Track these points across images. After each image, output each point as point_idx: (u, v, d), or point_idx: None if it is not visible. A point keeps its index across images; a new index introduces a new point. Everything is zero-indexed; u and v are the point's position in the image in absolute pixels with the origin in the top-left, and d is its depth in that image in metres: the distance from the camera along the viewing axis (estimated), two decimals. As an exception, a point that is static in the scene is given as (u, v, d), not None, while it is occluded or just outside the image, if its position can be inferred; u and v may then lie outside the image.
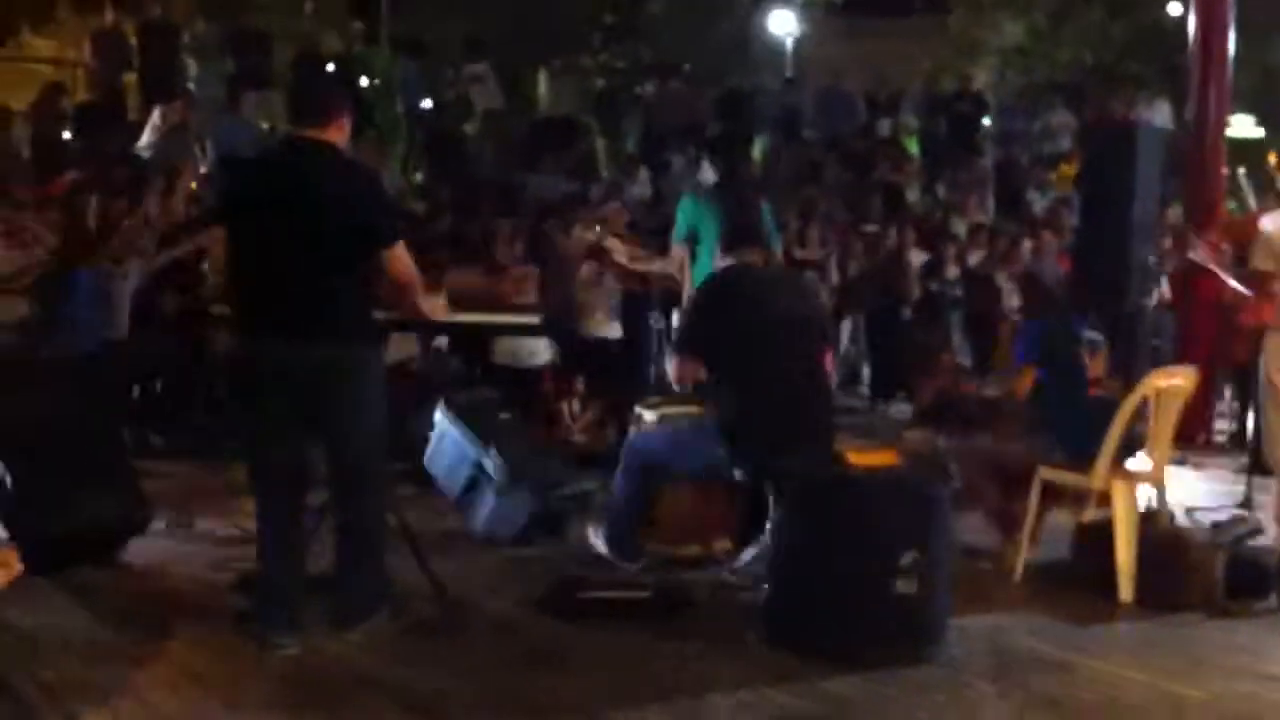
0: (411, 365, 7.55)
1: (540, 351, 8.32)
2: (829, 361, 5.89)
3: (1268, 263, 5.80)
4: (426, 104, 14.44)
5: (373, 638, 4.50)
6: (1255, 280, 5.97)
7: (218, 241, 5.13)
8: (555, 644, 4.60)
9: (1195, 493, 7.35)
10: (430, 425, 6.23)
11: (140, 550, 5.49)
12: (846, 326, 11.67)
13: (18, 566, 3.84)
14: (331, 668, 4.29)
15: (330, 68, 13.70)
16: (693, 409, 5.72)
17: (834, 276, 11.25)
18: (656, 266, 8.33)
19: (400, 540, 4.87)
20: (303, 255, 4.35)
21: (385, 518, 4.71)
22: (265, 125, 11.73)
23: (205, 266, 7.85)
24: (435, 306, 4.81)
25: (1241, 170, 9.95)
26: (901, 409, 10.49)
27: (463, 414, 6.13)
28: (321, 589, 4.59)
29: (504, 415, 6.35)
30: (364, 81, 13.36)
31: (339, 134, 4.54)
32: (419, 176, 13.40)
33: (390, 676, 4.22)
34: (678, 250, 7.39)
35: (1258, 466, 7.45)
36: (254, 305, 4.46)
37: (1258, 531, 5.86)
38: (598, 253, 8.68)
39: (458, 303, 5.14)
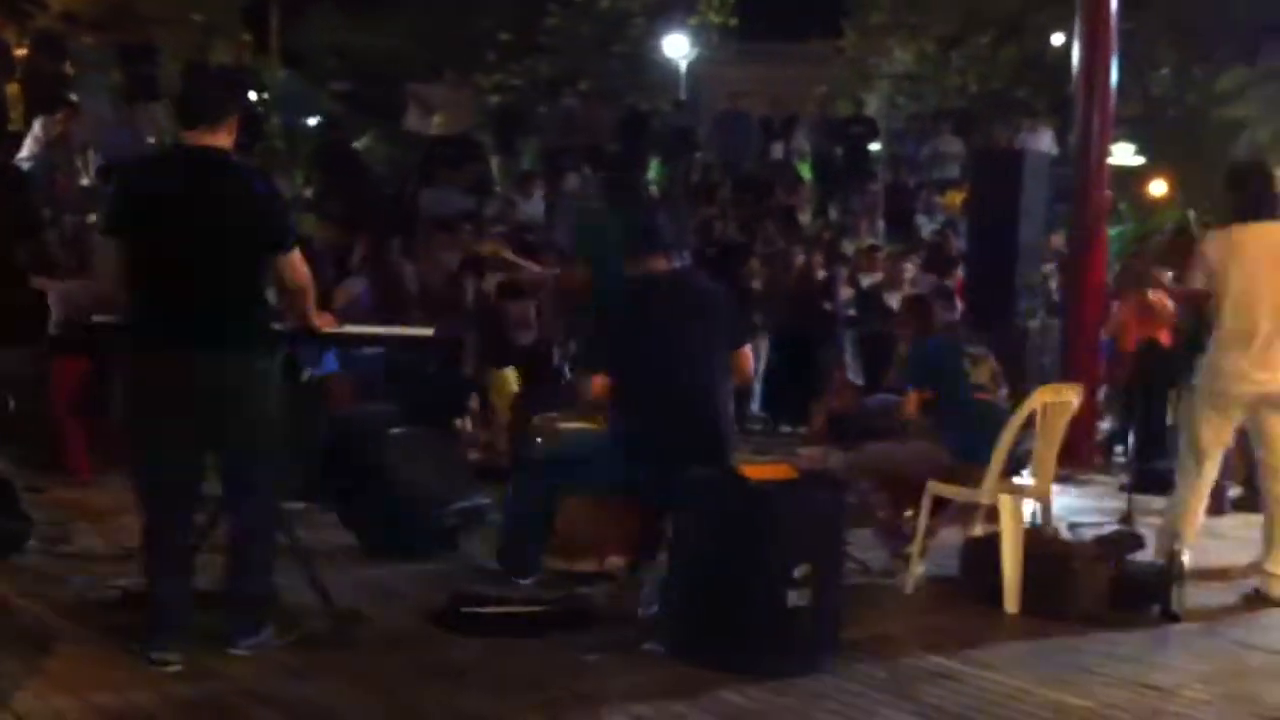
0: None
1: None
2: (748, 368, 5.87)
3: (1201, 282, 5.96)
4: (313, 120, 14.33)
5: (262, 653, 4.42)
6: (1193, 297, 6.12)
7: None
8: (449, 658, 4.56)
9: (1079, 508, 7.53)
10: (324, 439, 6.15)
11: (18, 567, 5.33)
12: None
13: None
14: (220, 684, 4.20)
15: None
16: (591, 424, 5.71)
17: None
18: (551, 282, 8.34)
19: (291, 555, 4.79)
20: (202, 262, 4.28)
21: (277, 532, 4.63)
22: (151, 140, 11.52)
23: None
24: (324, 317, 4.76)
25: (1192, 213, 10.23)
26: (797, 428, 10.61)
27: (355, 428, 6.06)
28: (208, 605, 4.49)
29: (399, 429, 6.28)
30: (254, 96, 13.21)
31: (229, 139, 4.46)
32: (309, 191, 13.26)
33: (281, 691, 4.14)
34: (574, 268, 7.41)
35: (1139, 483, 7.67)
36: (152, 315, 4.36)
37: (1139, 546, 6.02)
38: (483, 259, 8.66)
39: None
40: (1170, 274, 7.72)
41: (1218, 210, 6.22)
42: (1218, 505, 7.03)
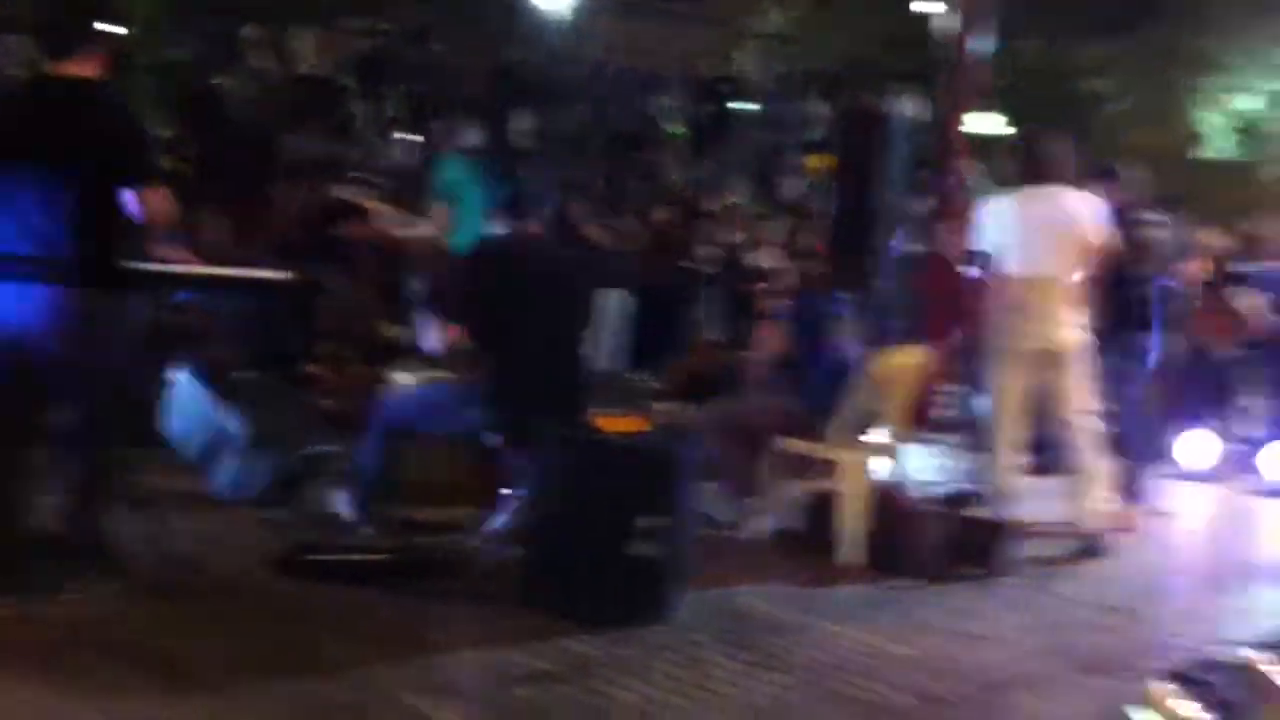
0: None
1: None
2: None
3: (982, 244, 6.18)
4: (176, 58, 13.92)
5: (101, 599, 4.33)
6: (978, 262, 6.35)
7: None
8: (294, 605, 4.54)
9: (920, 466, 7.73)
10: (168, 381, 6.03)
11: None
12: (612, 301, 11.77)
13: None
14: (52, 628, 4.11)
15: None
16: (444, 372, 5.70)
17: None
18: (419, 230, 8.24)
19: (127, 499, 4.69)
20: (56, 190, 4.17)
21: (116, 475, 4.55)
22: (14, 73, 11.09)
23: None
24: (175, 257, 4.67)
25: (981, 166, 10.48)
26: (655, 382, 10.67)
27: (201, 372, 5.95)
28: (41, 548, 4.40)
29: (246, 374, 6.19)
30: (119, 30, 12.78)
31: (95, 69, 4.36)
32: (171, 130, 12.90)
33: (120, 638, 4.07)
34: (436, 210, 7.32)
35: (977, 443, 7.90)
36: None
37: (975, 504, 6.22)
38: (359, 215, 8.53)
39: None
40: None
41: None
42: (1048, 464, 7.29)
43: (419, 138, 13.12)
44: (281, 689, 3.78)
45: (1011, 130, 15.72)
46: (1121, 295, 6.63)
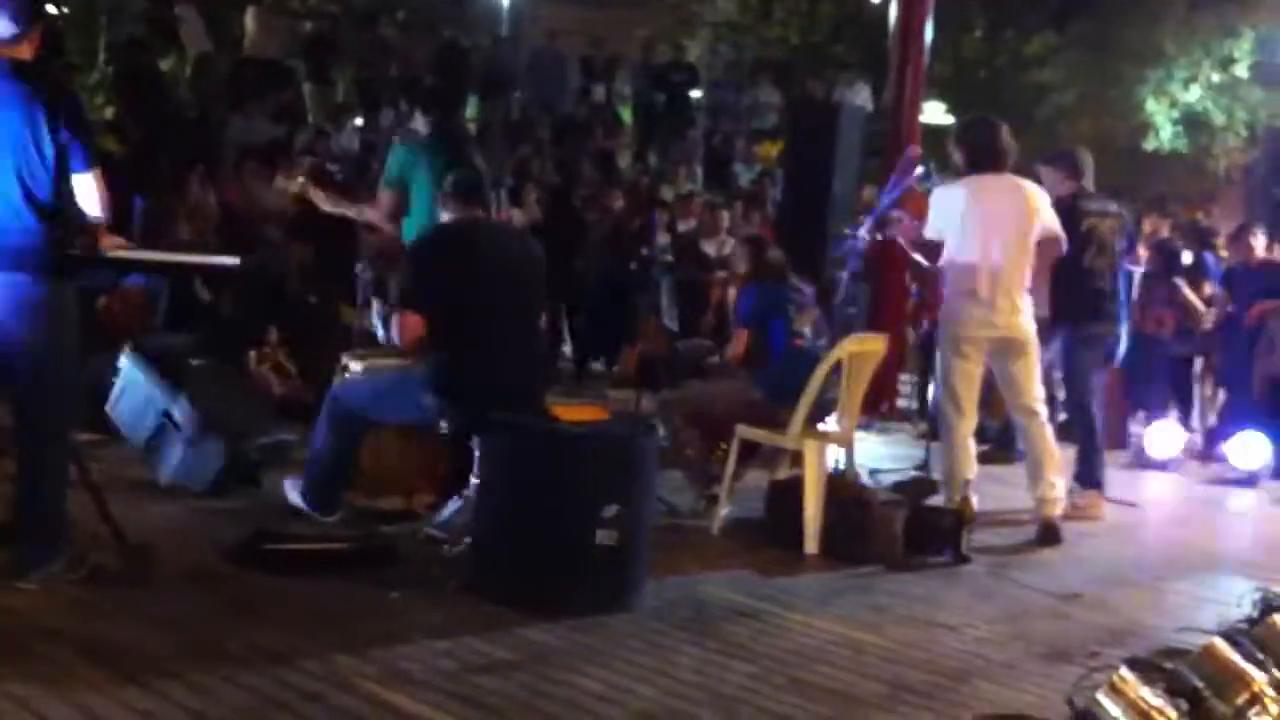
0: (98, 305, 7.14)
1: None
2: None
3: (934, 232, 6.19)
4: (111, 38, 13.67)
5: (53, 589, 4.25)
6: (931, 250, 6.35)
7: None
8: (249, 595, 4.46)
9: (879, 455, 7.76)
10: (115, 369, 5.91)
11: None
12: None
13: None
14: (7, 618, 4.03)
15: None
16: (399, 360, 5.62)
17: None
18: (363, 214, 8.12)
19: (82, 489, 4.59)
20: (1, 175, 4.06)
21: (67, 464, 4.44)
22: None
23: None
24: (114, 243, 4.58)
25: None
26: (606, 371, 10.65)
27: (150, 359, 5.84)
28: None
29: (196, 362, 6.08)
30: (52, 9, 12.54)
31: (29, 51, 4.24)
32: (109, 112, 12.66)
33: (74, 628, 3.99)
34: (385, 196, 7.21)
35: (936, 433, 7.94)
36: None
37: (935, 493, 6.24)
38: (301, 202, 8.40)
39: None
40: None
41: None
42: (1006, 452, 7.34)
43: (367, 123, 12.99)
44: (242, 678, 3.72)
45: (952, 119, 15.81)
46: (1079, 284, 6.66)
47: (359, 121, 13.09)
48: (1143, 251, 9.65)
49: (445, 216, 5.53)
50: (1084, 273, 6.70)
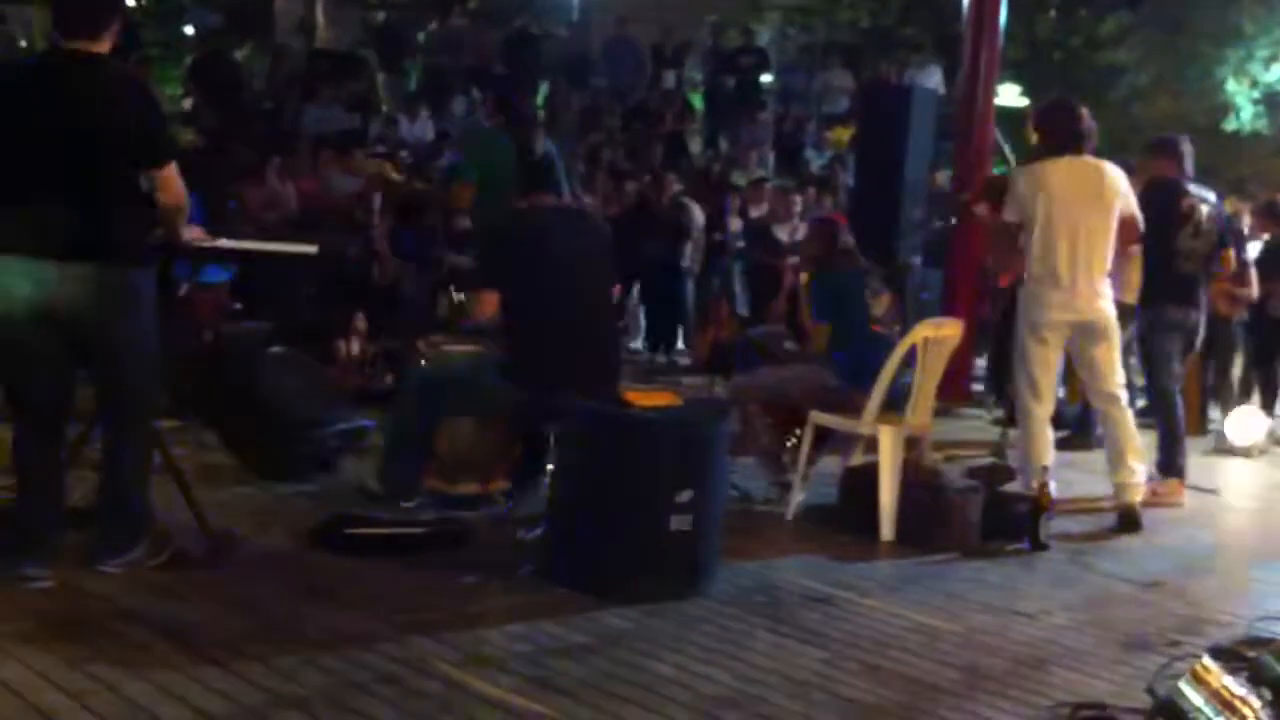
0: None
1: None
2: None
3: (1014, 215, 6.11)
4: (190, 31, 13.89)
5: (134, 572, 4.33)
6: (1006, 233, 6.28)
7: None
8: (327, 578, 4.51)
9: (955, 440, 7.69)
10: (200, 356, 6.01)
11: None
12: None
13: None
14: (90, 601, 4.11)
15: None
16: (475, 347, 5.66)
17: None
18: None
19: (165, 474, 4.67)
20: (72, 171, 4.13)
21: (151, 450, 4.52)
22: (24, 44, 11.07)
23: None
24: (193, 232, 4.64)
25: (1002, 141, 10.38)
26: (679, 359, 10.66)
27: (231, 345, 5.93)
28: (79, 522, 4.40)
29: (274, 350, 6.16)
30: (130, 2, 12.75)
31: (107, 46, 4.30)
32: (187, 103, 12.85)
33: (154, 610, 4.06)
34: (461, 185, 7.29)
35: (1011, 418, 7.85)
36: (16, 223, 4.17)
37: (1010, 478, 6.17)
38: (380, 183, 8.51)
39: None
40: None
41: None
42: (1089, 441, 7.26)
43: (438, 112, 13.06)
44: (320, 660, 3.76)
45: (1026, 101, 15.61)
46: (1168, 267, 6.57)
47: (430, 111, 13.15)
48: (1247, 219, 9.44)
49: (517, 202, 5.58)
50: (1175, 255, 6.61)
